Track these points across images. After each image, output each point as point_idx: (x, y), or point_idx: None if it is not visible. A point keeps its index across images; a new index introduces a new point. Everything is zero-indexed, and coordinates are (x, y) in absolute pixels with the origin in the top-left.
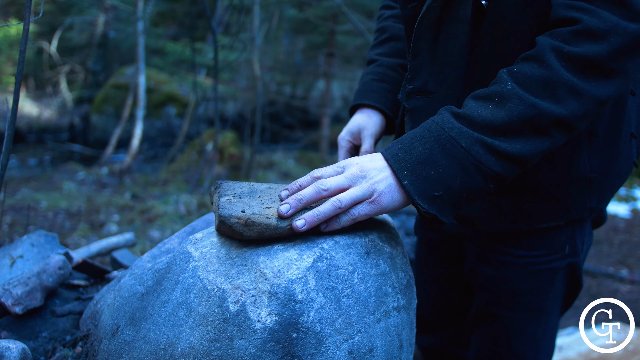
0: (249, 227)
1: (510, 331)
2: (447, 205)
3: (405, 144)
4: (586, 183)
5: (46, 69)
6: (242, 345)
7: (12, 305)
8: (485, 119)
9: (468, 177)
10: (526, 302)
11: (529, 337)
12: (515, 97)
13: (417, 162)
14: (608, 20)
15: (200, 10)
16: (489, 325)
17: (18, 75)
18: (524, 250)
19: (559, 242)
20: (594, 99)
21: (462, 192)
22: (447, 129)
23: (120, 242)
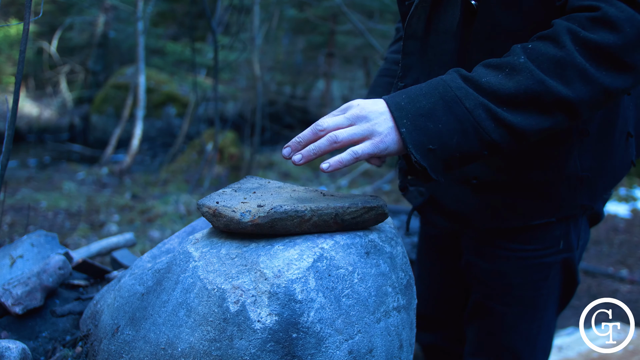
0: (217, 218)
1: (504, 326)
2: (439, 161)
3: (410, 95)
4: (577, 181)
5: (46, 69)
6: (242, 345)
7: (12, 305)
8: (492, 86)
9: (465, 138)
10: (520, 297)
11: (523, 333)
12: (526, 70)
13: (418, 113)
14: (625, 11)
15: (200, 10)
16: (484, 320)
17: (18, 75)
18: (518, 244)
19: (553, 237)
20: (602, 88)
21: (456, 152)
22: (454, 88)
23: (120, 242)
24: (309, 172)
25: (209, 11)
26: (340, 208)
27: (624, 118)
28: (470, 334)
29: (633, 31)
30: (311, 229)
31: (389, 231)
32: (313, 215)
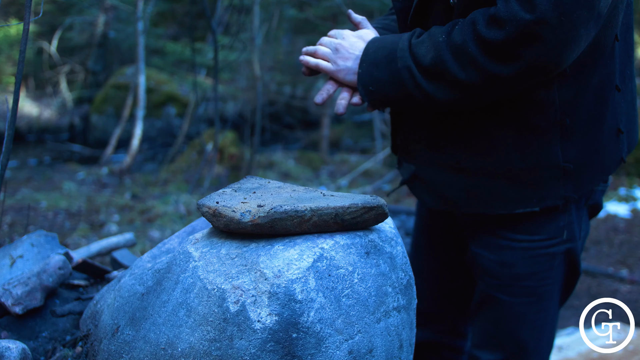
0: (217, 218)
1: (510, 316)
2: (376, 100)
3: (379, 45)
4: (560, 171)
5: (46, 69)
6: (242, 345)
7: (12, 305)
8: (418, 55)
9: (393, 88)
10: (526, 287)
11: (529, 323)
12: (440, 49)
13: (373, 62)
14: (511, 9)
15: (200, 10)
16: (490, 311)
17: (18, 75)
18: (523, 234)
19: (557, 227)
20: (490, 74)
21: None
22: (398, 49)
23: (120, 242)
24: (309, 172)
25: (209, 11)
26: (340, 208)
27: (614, 114)
28: (476, 326)
29: (512, 29)
30: (311, 229)
31: (389, 231)
32: (313, 215)
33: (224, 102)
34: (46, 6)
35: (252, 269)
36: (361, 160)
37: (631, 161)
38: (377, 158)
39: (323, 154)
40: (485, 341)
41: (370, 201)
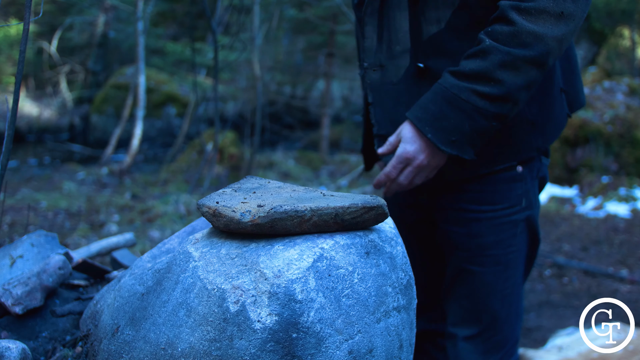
0: (217, 218)
1: (482, 287)
2: (465, 145)
3: (422, 105)
4: (529, 125)
5: (46, 69)
6: (242, 345)
7: (12, 305)
8: (474, 70)
9: (473, 121)
10: (494, 256)
11: (499, 293)
12: (494, 49)
13: (433, 118)
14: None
15: (200, 10)
16: (463, 285)
17: (18, 75)
18: (487, 205)
19: (516, 196)
20: (553, 39)
21: (473, 133)
22: (449, 87)
23: (120, 242)
24: (309, 172)
25: (209, 11)
26: (340, 208)
27: (557, 75)
28: (450, 304)
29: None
30: (311, 229)
31: (389, 231)
32: (313, 215)
33: (224, 102)
34: (46, 6)
35: (252, 269)
36: (361, 160)
37: (631, 161)
38: None
39: (323, 154)
40: (461, 317)
41: (370, 201)
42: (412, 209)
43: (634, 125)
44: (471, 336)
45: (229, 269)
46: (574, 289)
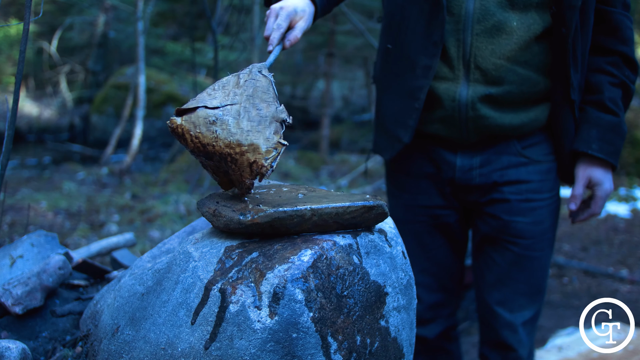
0: (217, 218)
1: (540, 269)
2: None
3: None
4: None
5: (46, 69)
6: (242, 345)
7: (12, 305)
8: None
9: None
10: (549, 239)
11: (546, 270)
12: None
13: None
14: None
15: (200, 10)
16: (524, 271)
17: (18, 75)
18: (547, 192)
19: (557, 182)
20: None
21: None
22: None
23: (120, 242)
24: (309, 172)
25: (209, 11)
26: (340, 208)
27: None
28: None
29: None
30: (311, 229)
31: (389, 231)
32: (313, 215)
33: None
34: (46, 6)
35: (252, 269)
36: (361, 160)
37: (631, 161)
38: (377, 158)
39: (323, 154)
40: (519, 303)
41: (370, 201)
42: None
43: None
44: (529, 319)
45: (229, 269)
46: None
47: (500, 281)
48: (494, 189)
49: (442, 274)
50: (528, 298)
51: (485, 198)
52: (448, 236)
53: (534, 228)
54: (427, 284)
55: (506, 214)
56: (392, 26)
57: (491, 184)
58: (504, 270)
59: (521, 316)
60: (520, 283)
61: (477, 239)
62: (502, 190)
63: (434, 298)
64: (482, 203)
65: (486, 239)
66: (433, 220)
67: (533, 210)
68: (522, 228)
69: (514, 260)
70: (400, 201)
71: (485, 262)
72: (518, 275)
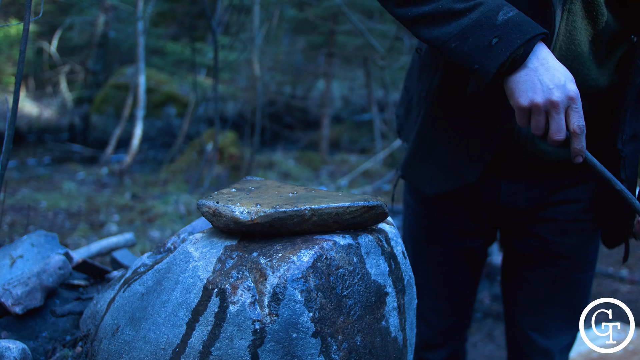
0: (217, 218)
1: (583, 293)
2: None
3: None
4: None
5: (46, 69)
6: (242, 345)
7: (12, 305)
8: None
9: None
10: (592, 261)
11: (589, 293)
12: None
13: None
14: None
15: (200, 10)
16: (565, 294)
17: (18, 75)
18: (592, 213)
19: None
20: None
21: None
22: None
23: (120, 242)
24: (309, 172)
25: (209, 11)
26: (340, 208)
27: None
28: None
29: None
30: (311, 229)
31: (389, 231)
32: (313, 214)
33: (224, 102)
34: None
35: (252, 269)
36: (361, 160)
37: None
38: (377, 158)
39: (323, 154)
40: (558, 328)
41: (370, 201)
42: (479, 235)
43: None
44: (567, 345)
45: (229, 269)
46: None
47: (537, 305)
48: (542, 209)
49: (459, 299)
50: (567, 323)
51: (529, 218)
52: (471, 261)
53: (579, 250)
54: (442, 310)
55: (551, 234)
56: None
57: (540, 205)
58: (542, 293)
59: (558, 342)
60: (559, 307)
61: (511, 259)
62: (549, 210)
63: (446, 324)
64: (525, 223)
65: (523, 260)
66: (459, 245)
67: (580, 231)
68: (566, 249)
69: (554, 283)
70: (424, 221)
71: (520, 284)
72: (557, 299)
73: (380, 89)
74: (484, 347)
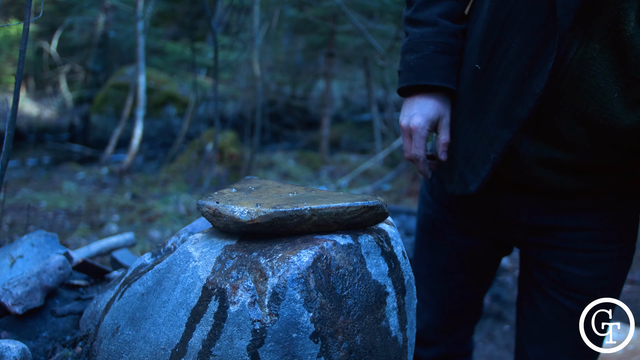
0: (217, 218)
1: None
2: None
3: None
4: None
5: (46, 69)
6: (242, 345)
7: (12, 305)
8: None
9: None
10: (613, 296)
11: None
12: None
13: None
14: None
15: (200, 10)
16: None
17: (18, 75)
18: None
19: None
20: None
21: None
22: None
23: (120, 242)
24: (308, 172)
25: (209, 11)
26: (340, 208)
27: None
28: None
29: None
30: (311, 229)
31: (389, 231)
32: (313, 215)
33: (224, 102)
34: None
35: (252, 269)
36: (361, 160)
37: None
38: (377, 158)
39: (323, 154)
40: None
41: (370, 201)
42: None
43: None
44: None
45: (229, 269)
46: None
47: (545, 336)
48: (546, 232)
49: (454, 300)
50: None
51: (534, 240)
52: (470, 264)
53: (594, 283)
54: (434, 306)
55: (560, 263)
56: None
57: (542, 225)
58: (551, 325)
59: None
60: (569, 343)
61: (527, 283)
62: (555, 236)
63: (438, 322)
64: (528, 244)
65: (537, 286)
66: (459, 242)
67: (592, 262)
68: (578, 282)
69: (565, 316)
70: (428, 210)
71: (531, 309)
72: (567, 334)
73: (380, 89)
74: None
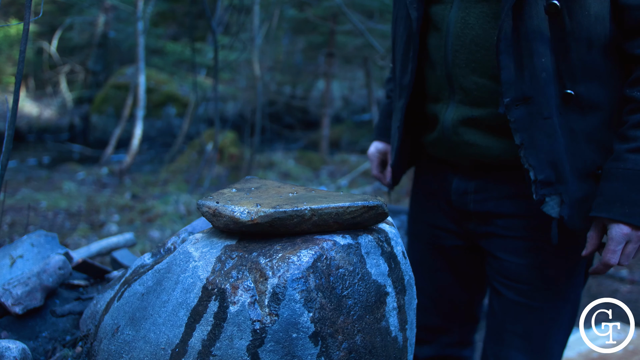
0: (217, 218)
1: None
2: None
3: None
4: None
5: (46, 69)
6: (242, 345)
7: (12, 305)
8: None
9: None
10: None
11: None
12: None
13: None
14: None
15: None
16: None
17: (18, 75)
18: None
19: None
20: None
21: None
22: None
23: (120, 242)
24: (309, 172)
25: (209, 11)
26: (340, 208)
27: None
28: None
29: None
30: (311, 229)
31: (389, 231)
32: (313, 215)
33: (224, 102)
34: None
35: (252, 269)
36: (361, 160)
37: None
38: None
39: (323, 154)
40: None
41: (370, 201)
42: (451, 234)
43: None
44: None
45: (229, 269)
46: None
47: (496, 331)
48: (490, 220)
49: (442, 299)
50: (526, 356)
51: (482, 229)
52: (449, 261)
53: (532, 273)
54: (424, 305)
55: (500, 252)
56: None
57: (485, 213)
58: (499, 319)
59: None
60: (516, 336)
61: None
62: (497, 224)
63: (429, 321)
64: (479, 235)
65: (490, 282)
66: (433, 240)
67: (529, 251)
68: (516, 270)
69: (508, 308)
70: (411, 212)
71: (489, 307)
72: (512, 327)
73: (380, 89)
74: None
